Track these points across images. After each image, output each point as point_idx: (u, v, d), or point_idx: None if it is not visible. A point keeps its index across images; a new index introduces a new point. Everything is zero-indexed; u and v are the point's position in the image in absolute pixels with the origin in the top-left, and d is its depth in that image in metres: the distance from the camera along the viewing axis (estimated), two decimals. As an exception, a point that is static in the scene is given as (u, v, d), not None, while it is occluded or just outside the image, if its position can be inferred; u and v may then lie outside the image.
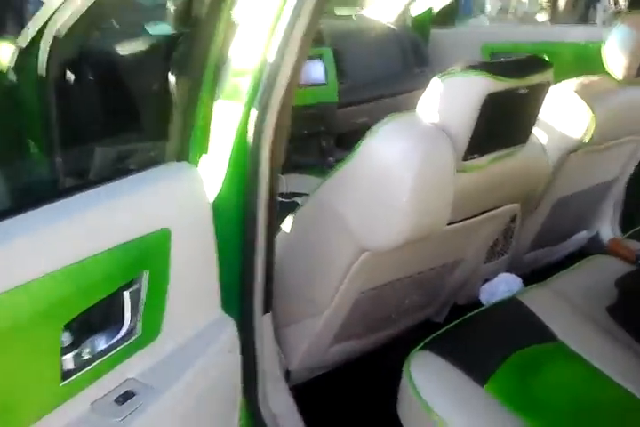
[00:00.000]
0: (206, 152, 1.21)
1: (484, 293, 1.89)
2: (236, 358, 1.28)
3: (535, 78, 1.32)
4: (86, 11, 1.62)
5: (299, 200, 1.82)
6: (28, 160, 1.66)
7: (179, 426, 1.13)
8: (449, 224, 1.40)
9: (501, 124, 1.32)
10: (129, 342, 1.03)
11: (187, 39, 1.35)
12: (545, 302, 1.60)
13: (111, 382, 1.03)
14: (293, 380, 1.63)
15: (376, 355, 1.77)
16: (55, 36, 1.68)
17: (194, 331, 1.17)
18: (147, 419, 1.02)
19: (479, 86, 1.22)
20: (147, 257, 1.02)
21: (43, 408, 0.92)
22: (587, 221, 2.26)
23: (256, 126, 1.20)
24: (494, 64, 1.36)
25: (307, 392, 1.61)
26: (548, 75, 1.35)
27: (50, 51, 1.70)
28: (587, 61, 2.02)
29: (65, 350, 0.93)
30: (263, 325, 1.43)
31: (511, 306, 1.60)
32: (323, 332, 1.59)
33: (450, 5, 2.87)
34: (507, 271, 1.94)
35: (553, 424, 1.28)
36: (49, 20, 1.66)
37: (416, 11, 2.82)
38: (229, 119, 1.21)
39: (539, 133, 1.66)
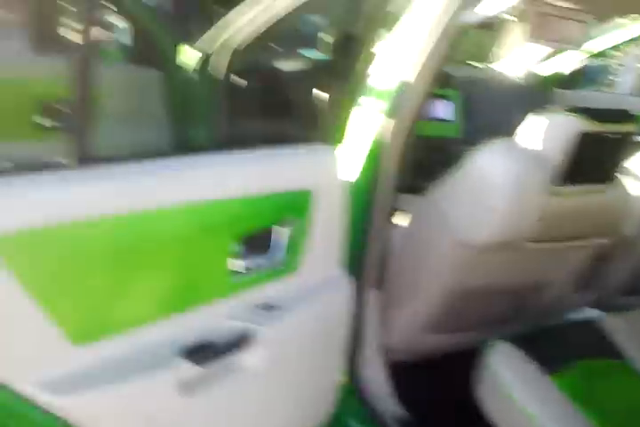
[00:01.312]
0: (341, 142, 1.54)
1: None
2: (348, 311, 1.55)
3: (623, 127, 1.58)
4: (263, 32, 1.99)
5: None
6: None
7: (296, 348, 1.41)
8: (536, 242, 1.66)
9: (591, 161, 1.58)
10: (275, 267, 1.34)
11: (340, 62, 1.71)
12: (620, 326, 1.79)
13: (257, 295, 1.33)
14: (392, 358, 1.85)
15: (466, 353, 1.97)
16: (236, 49, 2.06)
17: (321, 276, 1.46)
18: (276, 330, 1.31)
19: (576, 125, 1.49)
20: (294, 207, 1.33)
21: (214, 294, 1.23)
22: None
23: (393, 133, 1.52)
24: (590, 109, 1.62)
25: (397, 372, 1.84)
26: (633, 127, 1.60)
27: (230, 59, 2.09)
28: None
29: (237, 257, 1.25)
30: (371, 298, 1.71)
31: (588, 324, 1.82)
32: (415, 318, 1.84)
33: (577, 71, 3.12)
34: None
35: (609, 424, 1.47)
36: (231, 35, 2.04)
37: (544, 71, 3.09)
38: (370, 123, 1.54)
39: (630, 179, 1.89)
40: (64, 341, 1.03)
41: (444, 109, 2.76)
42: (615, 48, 3.17)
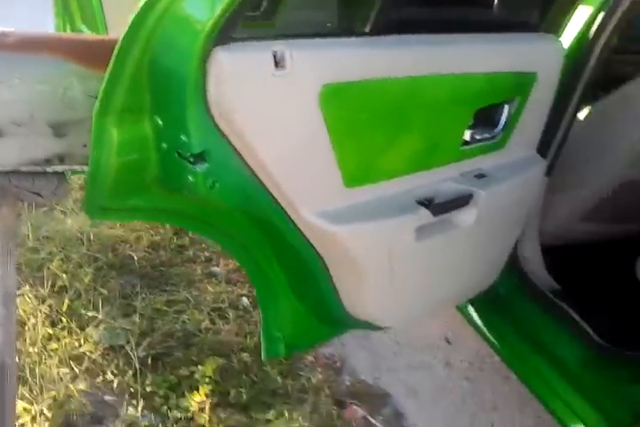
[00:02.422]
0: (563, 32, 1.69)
1: None
2: (538, 189, 1.75)
3: None
4: None
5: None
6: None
7: (497, 210, 1.61)
8: None
9: None
10: (491, 143, 1.55)
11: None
12: None
13: (475, 164, 1.55)
14: (544, 242, 2.07)
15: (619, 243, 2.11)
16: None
17: (523, 155, 1.66)
18: (487, 196, 1.53)
19: None
20: (522, 87, 1.52)
21: (445, 160, 1.46)
22: None
23: (599, 26, 1.67)
24: None
25: (553, 254, 2.03)
26: None
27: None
28: None
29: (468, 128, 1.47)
30: (542, 184, 1.90)
31: None
32: (578, 206, 2.02)
33: None
34: None
35: None
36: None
37: None
38: (582, 16, 1.69)
39: None
40: (340, 182, 1.28)
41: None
42: None
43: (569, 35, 1.71)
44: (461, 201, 1.47)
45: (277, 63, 1.07)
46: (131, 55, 1.02)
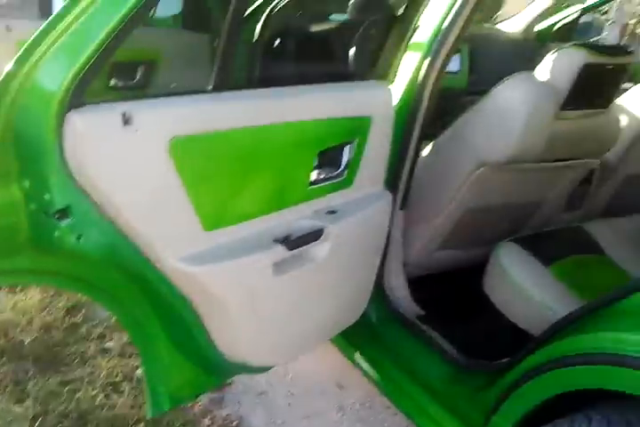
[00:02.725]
0: (394, 81, 1.89)
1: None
2: (388, 221, 1.93)
3: (619, 59, 1.93)
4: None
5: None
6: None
7: (349, 243, 1.77)
8: (540, 162, 2.02)
9: (591, 89, 1.94)
10: (337, 180, 1.71)
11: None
12: (602, 230, 2.19)
13: (324, 202, 1.70)
14: (408, 272, 2.25)
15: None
16: (269, 13, 2.35)
17: (369, 191, 1.84)
18: (339, 230, 1.68)
19: (580, 57, 1.85)
20: (358, 130, 1.69)
21: (295, 200, 1.61)
22: None
23: (426, 71, 1.88)
24: (593, 45, 1.97)
25: (415, 282, 2.22)
26: (629, 59, 1.96)
27: (264, 21, 2.38)
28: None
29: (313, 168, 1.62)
30: (397, 218, 2.09)
31: (578, 228, 2.21)
32: (433, 236, 2.21)
33: (569, 24, 3.48)
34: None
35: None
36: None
37: (540, 26, 3.45)
38: (410, 65, 1.89)
39: (620, 113, 2.26)
40: (199, 227, 1.40)
41: (452, 63, 3.10)
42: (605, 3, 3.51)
43: (401, 80, 1.92)
44: (314, 236, 1.62)
45: (126, 122, 1.20)
46: None
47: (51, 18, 1.15)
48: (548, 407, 1.43)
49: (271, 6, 2.26)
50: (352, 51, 1.91)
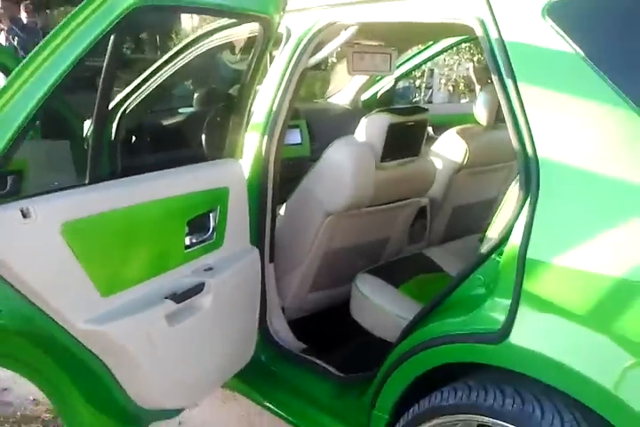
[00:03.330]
0: (242, 157, 2.29)
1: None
2: (258, 273, 2.28)
3: (417, 117, 2.43)
4: (143, 98, 2.67)
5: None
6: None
7: (228, 293, 2.10)
8: (375, 206, 2.46)
9: (400, 142, 2.41)
10: (209, 242, 2.06)
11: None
12: (439, 253, 2.64)
13: (201, 262, 2.04)
14: (287, 316, 2.60)
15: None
16: (123, 111, 2.64)
17: (237, 248, 2.19)
18: (217, 282, 2.02)
19: (386, 119, 2.32)
20: (218, 199, 2.06)
21: (175, 262, 1.93)
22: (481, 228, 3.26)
23: (267, 145, 2.30)
24: (395, 109, 2.46)
25: (296, 324, 2.59)
26: (425, 115, 2.46)
27: (119, 119, 2.63)
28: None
29: (186, 235, 1.96)
30: (269, 270, 2.45)
31: (419, 254, 2.66)
32: (302, 281, 2.58)
33: (388, 91, 4.07)
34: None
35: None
36: (120, 101, 2.63)
37: (365, 96, 4.02)
38: (253, 142, 2.31)
39: (434, 157, 2.77)
40: (96, 293, 1.71)
41: (294, 136, 3.58)
42: (415, 70, 4.13)
43: (248, 155, 2.32)
44: (197, 289, 1.95)
45: (24, 215, 1.51)
46: None
47: None
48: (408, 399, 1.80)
49: (124, 107, 2.61)
50: (203, 136, 2.31)
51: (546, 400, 1.47)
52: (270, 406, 2.36)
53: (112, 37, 1.59)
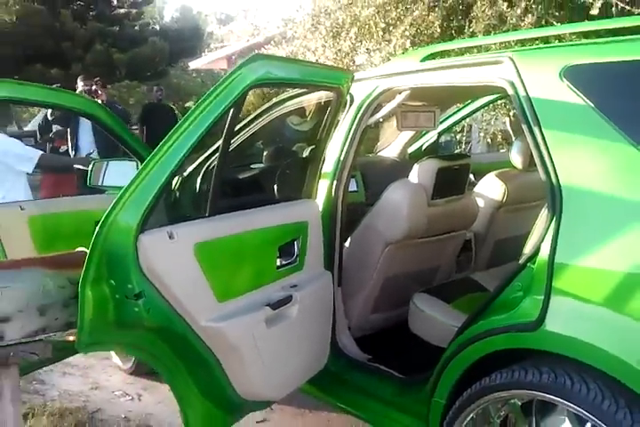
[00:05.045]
0: (316, 198, 2.78)
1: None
2: (330, 293, 2.73)
3: (461, 161, 2.91)
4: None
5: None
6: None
7: (309, 306, 2.55)
8: (427, 237, 2.92)
9: (448, 182, 2.89)
10: (293, 265, 2.54)
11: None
12: (485, 277, 3.06)
13: (288, 281, 2.51)
14: (352, 334, 3.02)
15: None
16: (205, 171, 3.14)
17: (315, 271, 2.66)
18: (301, 296, 2.49)
19: (435, 164, 2.81)
20: (300, 230, 2.55)
21: (270, 279, 2.41)
22: None
23: (336, 189, 2.80)
24: (442, 155, 2.94)
25: (360, 340, 3.01)
26: (467, 160, 2.94)
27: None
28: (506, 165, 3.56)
29: (277, 258, 2.45)
30: (337, 293, 2.90)
31: (467, 278, 3.10)
32: (365, 303, 3.03)
33: (432, 145, 4.58)
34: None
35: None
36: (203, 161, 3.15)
37: (411, 149, 4.52)
38: (325, 185, 2.81)
39: (477, 197, 3.23)
40: (215, 299, 2.18)
41: (352, 185, 4.07)
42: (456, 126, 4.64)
43: (321, 197, 2.81)
44: (287, 300, 2.43)
45: (170, 236, 2.02)
46: (95, 250, 1.93)
47: (124, 188, 1.98)
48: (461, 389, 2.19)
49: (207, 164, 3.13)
50: (288, 184, 2.82)
51: (574, 373, 1.87)
52: (343, 406, 2.78)
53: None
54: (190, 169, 2.44)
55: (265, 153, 3.60)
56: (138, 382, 3.84)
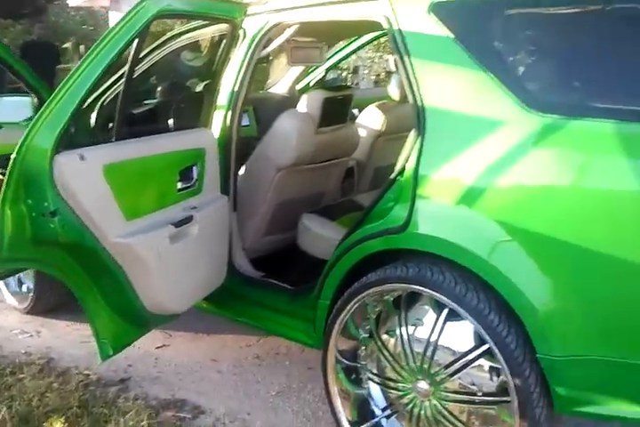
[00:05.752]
0: (212, 127, 3.02)
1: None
2: (226, 216, 3.00)
3: (345, 92, 3.21)
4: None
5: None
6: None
7: (208, 226, 2.82)
8: (314, 163, 3.22)
9: (332, 112, 3.18)
10: (193, 189, 2.78)
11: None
12: (364, 199, 3.40)
13: (188, 203, 2.76)
14: (248, 255, 3.31)
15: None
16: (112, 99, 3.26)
17: (212, 195, 2.92)
18: (200, 216, 2.74)
19: (321, 95, 3.09)
20: (199, 156, 2.79)
21: (172, 200, 2.66)
22: None
23: (230, 120, 3.03)
24: (328, 87, 3.22)
25: (254, 261, 3.31)
26: (350, 91, 3.24)
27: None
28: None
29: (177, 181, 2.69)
30: (232, 217, 3.16)
31: (349, 199, 3.44)
32: (259, 226, 3.32)
33: (319, 81, 4.85)
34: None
35: None
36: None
37: (299, 85, 4.78)
38: (219, 116, 3.04)
39: (359, 127, 3.55)
40: (123, 217, 2.41)
41: (244, 119, 4.29)
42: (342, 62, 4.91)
43: (216, 126, 3.05)
44: (188, 220, 2.69)
45: (81, 158, 2.24)
46: (13, 172, 2.12)
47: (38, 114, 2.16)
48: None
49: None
50: (186, 114, 3.02)
51: (434, 267, 2.23)
52: (240, 319, 3.10)
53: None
54: (100, 96, 2.60)
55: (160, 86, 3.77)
56: (35, 320, 3.96)
